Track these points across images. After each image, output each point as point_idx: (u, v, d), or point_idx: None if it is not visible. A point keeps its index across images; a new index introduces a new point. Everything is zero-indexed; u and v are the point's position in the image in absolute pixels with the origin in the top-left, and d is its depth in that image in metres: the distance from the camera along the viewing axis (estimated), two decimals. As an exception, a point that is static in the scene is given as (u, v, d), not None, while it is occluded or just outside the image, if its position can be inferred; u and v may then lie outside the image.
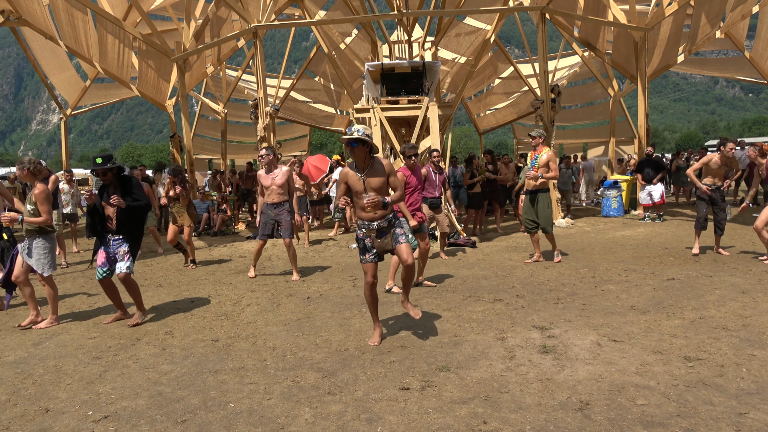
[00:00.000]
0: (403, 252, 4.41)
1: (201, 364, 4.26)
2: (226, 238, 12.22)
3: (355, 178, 4.41)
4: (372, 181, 4.38)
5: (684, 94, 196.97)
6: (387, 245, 4.48)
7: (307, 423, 3.20)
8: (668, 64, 14.65)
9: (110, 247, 5.47)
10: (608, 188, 13.51)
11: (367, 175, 4.38)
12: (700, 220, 7.88)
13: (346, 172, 4.45)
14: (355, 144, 4.33)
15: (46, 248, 5.46)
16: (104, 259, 5.47)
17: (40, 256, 5.41)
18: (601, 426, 3.02)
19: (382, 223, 4.42)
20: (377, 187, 4.38)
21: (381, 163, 4.46)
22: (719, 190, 7.79)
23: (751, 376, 3.60)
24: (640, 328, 4.67)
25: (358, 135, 4.27)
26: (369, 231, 4.44)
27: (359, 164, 4.41)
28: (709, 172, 7.81)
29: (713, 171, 7.76)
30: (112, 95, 19.17)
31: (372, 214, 4.38)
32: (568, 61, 19.57)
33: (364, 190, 4.37)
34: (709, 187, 7.77)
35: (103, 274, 5.46)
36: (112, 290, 5.59)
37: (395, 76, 10.81)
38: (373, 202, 4.29)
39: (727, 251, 7.94)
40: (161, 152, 76.89)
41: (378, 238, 4.44)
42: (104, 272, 5.47)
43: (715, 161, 7.68)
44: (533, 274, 7.10)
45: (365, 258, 4.49)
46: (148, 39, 13.68)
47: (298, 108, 20.22)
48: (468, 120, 25.85)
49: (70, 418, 3.39)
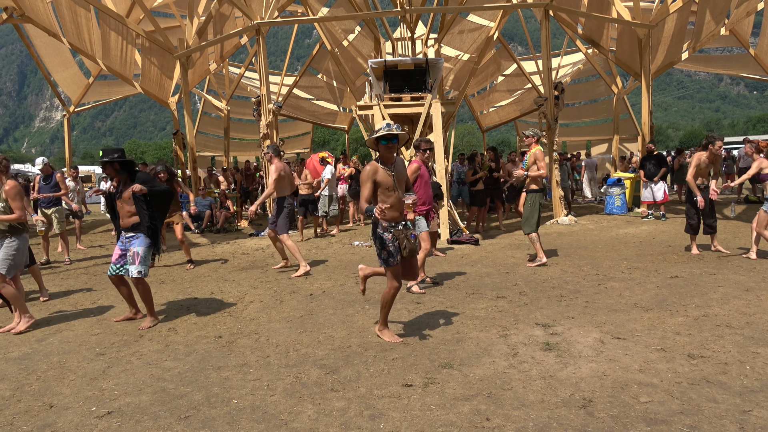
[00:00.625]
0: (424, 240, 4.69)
1: (204, 360, 4.26)
2: (228, 235, 12.23)
3: (385, 174, 4.30)
4: (400, 176, 4.38)
5: (688, 91, 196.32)
6: (415, 246, 4.42)
7: (310, 419, 3.21)
8: (672, 61, 14.60)
9: (124, 244, 5.35)
10: (611, 186, 13.48)
11: (395, 171, 4.36)
12: (693, 226, 7.81)
13: (375, 169, 4.28)
14: (395, 140, 4.32)
15: (16, 249, 5.26)
16: (118, 256, 5.36)
17: (7, 256, 5.19)
18: (604, 423, 3.02)
19: (404, 222, 4.40)
20: (400, 183, 4.39)
21: (400, 158, 4.51)
22: (708, 189, 7.67)
23: (755, 373, 3.59)
24: (643, 325, 4.66)
25: (398, 131, 4.26)
26: (399, 232, 4.32)
27: (389, 160, 4.36)
28: (698, 172, 7.66)
29: (702, 170, 7.66)
30: (115, 92, 19.20)
31: (396, 213, 4.33)
32: (572, 58, 19.53)
33: (394, 187, 4.31)
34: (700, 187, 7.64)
35: (115, 271, 5.35)
36: (122, 288, 5.46)
37: (398, 73, 10.81)
38: (415, 202, 4.30)
39: (728, 249, 7.92)
40: (164, 149, 76.99)
41: (407, 238, 4.34)
42: (116, 269, 5.35)
43: (704, 160, 7.58)
44: (536, 271, 7.09)
45: (396, 260, 4.33)
46: (151, 36, 13.68)
47: (301, 105, 20.22)
48: (471, 117, 25.80)
49: (74, 414, 3.41)
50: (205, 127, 20.80)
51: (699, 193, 7.60)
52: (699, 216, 7.77)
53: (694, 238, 7.94)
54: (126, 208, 5.30)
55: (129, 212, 5.30)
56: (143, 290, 5.33)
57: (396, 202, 4.31)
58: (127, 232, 5.33)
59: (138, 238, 5.28)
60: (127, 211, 5.30)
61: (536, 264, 7.39)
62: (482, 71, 18.19)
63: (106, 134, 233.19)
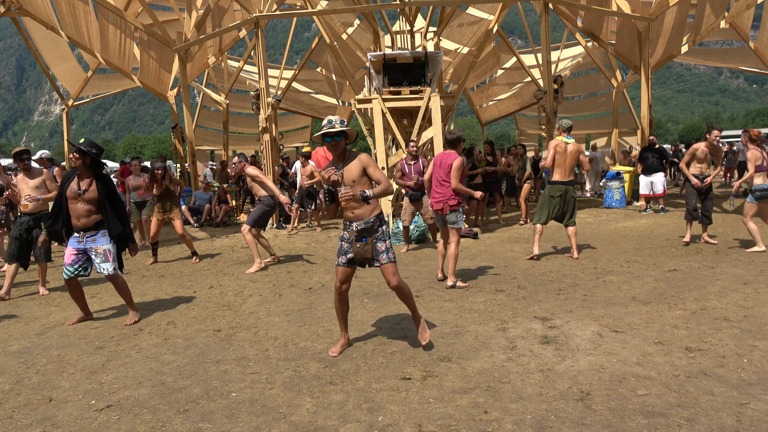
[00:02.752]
0: (385, 272, 4.00)
1: (203, 354, 4.27)
2: (228, 229, 12.23)
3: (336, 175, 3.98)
4: (348, 173, 3.95)
5: (687, 84, 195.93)
6: (366, 253, 3.98)
7: (309, 412, 3.22)
8: (672, 55, 14.54)
9: (82, 243, 5.05)
10: (610, 179, 13.47)
11: (343, 169, 3.98)
12: (690, 211, 7.92)
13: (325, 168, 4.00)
14: (338, 137, 3.94)
15: None
16: (74, 256, 5.05)
17: None
18: (602, 416, 3.03)
19: (360, 225, 3.96)
20: (354, 182, 3.95)
21: (356, 155, 4.03)
22: (704, 179, 7.81)
23: (752, 366, 3.61)
24: (641, 318, 4.67)
25: (341, 127, 3.91)
26: (350, 233, 4.01)
27: (337, 158, 4.03)
28: (696, 161, 7.81)
29: (700, 159, 7.78)
30: (114, 86, 19.13)
31: (350, 213, 3.98)
32: (571, 51, 19.44)
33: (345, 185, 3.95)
34: (698, 176, 7.78)
35: (72, 273, 5.04)
36: (77, 290, 5.17)
37: (397, 67, 10.77)
38: (348, 196, 3.85)
39: (715, 240, 8.03)
40: (163, 143, 76.91)
41: (357, 241, 3.98)
42: (74, 270, 5.05)
43: (702, 150, 7.70)
44: (535, 265, 7.10)
45: (338, 261, 4.08)
46: (149, 29, 13.63)
47: (300, 99, 20.16)
48: (470, 111, 25.77)
49: (74, 407, 3.42)
50: (204, 121, 20.72)
51: (691, 177, 7.76)
52: (696, 201, 7.84)
53: (690, 226, 8.00)
54: (85, 207, 5.01)
55: (89, 211, 5.02)
56: (121, 285, 5.21)
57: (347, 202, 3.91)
58: (87, 231, 5.04)
59: (102, 235, 5.07)
60: (86, 210, 5.02)
61: (530, 256, 7.46)
62: (482, 64, 18.12)
63: (105, 128, 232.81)
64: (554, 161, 7.37)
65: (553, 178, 7.43)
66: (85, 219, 5.02)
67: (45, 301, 6.27)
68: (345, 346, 4.21)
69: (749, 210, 7.26)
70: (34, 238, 6.46)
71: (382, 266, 4.01)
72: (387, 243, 4.03)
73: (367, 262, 4.04)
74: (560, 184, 7.39)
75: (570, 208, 7.44)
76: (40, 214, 6.55)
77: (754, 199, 7.22)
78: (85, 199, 5.00)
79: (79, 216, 5.01)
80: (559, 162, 7.36)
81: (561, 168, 7.36)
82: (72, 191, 5.00)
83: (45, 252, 6.57)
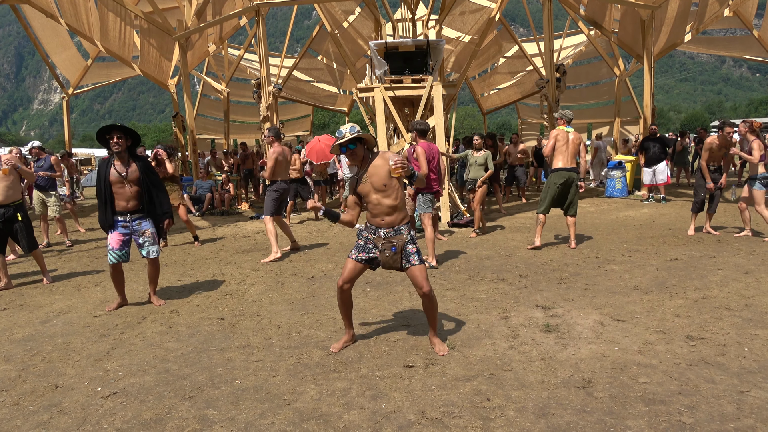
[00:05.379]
0: (416, 276, 3.75)
1: (207, 341, 4.30)
2: (229, 218, 12.25)
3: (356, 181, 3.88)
4: (378, 179, 3.77)
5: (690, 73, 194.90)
6: (395, 262, 3.81)
7: (313, 399, 3.25)
8: (675, 43, 14.47)
9: (128, 228, 5.13)
10: (612, 169, 13.45)
11: (368, 174, 3.81)
12: (698, 204, 8.01)
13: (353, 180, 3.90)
14: (352, 146, 3.75)
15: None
16: (120, 242, 5.11)
17: None
18: (603, 403, 3.06)
19: (389, 232, 3.80)
20: (385, 185, 3.77)
21: (378, 155, 3.86)
22: (719, 170, 7.96)
23: (752, 355, 3.63)
24: (642, 307, 4.69)
25: (352, 134, 3.72)
26: (377, 240, 3.84)
27: (359, 165, 3.86)
28: (711, 155, 7.91)
29: (713, 153, 7.88)
30: (114, 74, 19.07)
31: (380, 220, 3.81)
32: (574, 39, 19.33)
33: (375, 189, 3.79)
34: (711, 168, 7.92)
35: (118, 258, 5.12)
36: (121, 275, 5.29)
37: (399, 55, 10.71)
38: (401, 165, 3.68)
39: (718, 231, 8.06)
40: (164, 132, 76.71)
41: (386, 250, 3.80)
42: (121, 255, 5.14)
43: (716, 144, 7.79)
44: (536, 254, 7.12)
45: (355, 255, 3.88)
46: (149, 17, 13.55)
47: (301, 87, 20.08)
48: (472, 100, 25.65)
49: (80, 394, 3.45)
50: (204, 110, 20.68)
51: (709, 179, 7.86)
52: (705, 195, 7.96)
53: (694, 217, 8.05)
54: (133, 189, 5.09)
55: (136, 192, 5.10)
56: (158, 268, 5.41)
57: (375, 206, 3.81)
58: (132, 214, 5.14)
59: (146, 219, 5.20)
60: (134, 191, 5.10)
61: (531, 247, 7.47)
62: (483, 53, 18.03)
63: (105, 117, 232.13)
64: (556, 149, 7.37)
65: (556, 165, 7.43)
66: (135, 201, 5.12)
67: (49, 289, 6.29)
68: (348, 342, 4.07)
69: (760, 198, 7.36)
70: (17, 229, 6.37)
71: (412, 268, 3.77)
72: (416, 246, 3.86)
73: (396, 269, 3.87)
74: (564, 171, 7.36)
75: (572, 195, 7.43)
76: (14, 204, 6.37)
77: (762, 186, 7.31)
78: (131, 180, 5.07)
79: (128, 199, 5.10)
80: (561, 150, 7.36)
81: (563, 155, 7.35)
82: (115, 176, 5.03)
83: (28, 242, 6.45)
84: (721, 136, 7.70)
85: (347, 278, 3.87)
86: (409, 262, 3.78)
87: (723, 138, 7.69)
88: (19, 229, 6.41)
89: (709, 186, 7.83)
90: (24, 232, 6.43)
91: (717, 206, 8.10)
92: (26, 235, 6.44)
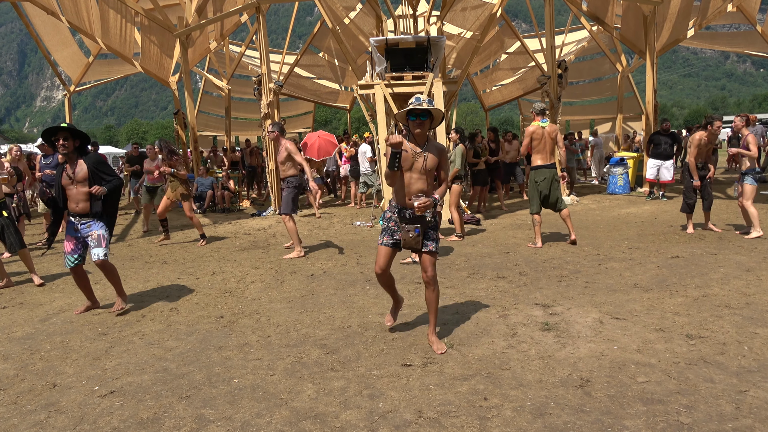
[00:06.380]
0: (426, 261, 3.86)
1: (205, 340, 4.30)
2: (230, 215, 12.25)
3: (410, 153, 3.80)
4: (430, 160, 3.80)
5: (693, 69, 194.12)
6: (417, 244, 3.86)
7: (310, 398, 3.24)
8: (678, 39, 14.38)
9: (79, 231, 5.00)
10: (614, 165, 13.41)
11: (427, 151, 3.81)
12: (689, 205, 7.88)
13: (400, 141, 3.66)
14: (424, 117, 3.76)
15: None
16: (73, 246, 5.01)
17: None
18: (601, 403, 3.04)
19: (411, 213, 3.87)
20: (430, 170, 3.83)
21: (436, 144, 3.90)
22: (706, 167, 7.84)
23: (752, 354, 3.61)
24: (642, 306, 4.67)
25: (429, 105, 3.73)
26: (400, 218, 3.90)
27: (419, 138, 3.83)
28: (699, 152, 7.79)
29: (701, 150, 7.78)
30: (116, 71, 19.05)
31: (408, 200, 3.83)
32: (576, 35, 19.25)
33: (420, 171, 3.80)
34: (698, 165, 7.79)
35: (74, 262, 5.02)
36: (83, 278, 5.16)
37: (399, 52, 10.67)
38: (424, 206, 3.72)
39: (718, 228, 8.00)
40: (166, 129, 76.85)
41: (409, 231, 3.83)
42: (75, 259, 5.02)
43: (705, 141, 7.70)
44: (537, 251, 7.10)
45: (382, 240, 3.96)
46: (150, 14, 13.52)
47: (302, 84, 20.04)
48: (474, 96, 25.58)
49: (77, 393, 3.45)
50: (206, 107, 20.66)
51: (696, 176, 7.75)
52: (696, 196, 7.87)
53: (690, 218, 7.99)
54: (78, 191, 4.93)
55: (84, 195, 4.94)
56: (111, 271, 5.11)
57: (408, 185, 3.82)
58: (82, 217, 4.98)
59: (96, 222, 5.00)
60: (82, 193, 4.94)
61: (532, 246, 7.41)
62: (485, 49, 17.96)
63: (108, 113, 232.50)
64: (533, 148, 7.40)
65: (535, 163, 7.44)
66: (84, 203, 4.96)
67: (48, 287, 6.30)
68: (398, 308, 4.40)
69: (750, 192, 7.32)
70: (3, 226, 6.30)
71: (426, 253, 3.88)
72: (438, 233, 3.99)
73: (415, 251, 3.95)
74: (544, 168, 7.38)
75: (555, 190, 7.42)
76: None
77: (755, 181, 7.26)
78: (78, 180, 4.91)
79: (77, 201, 4.95)
80: (539, 148, 7.38)
81: (542, 153, 7.39)
82: (65, 178, 4.95)
83: (16, 240, 6.36)
84: (709, 132, 7.63)
85: (381, 264, 3.99)
86: (426, 247, 3.90)
87: (711, 134, 7.63)
88: (5, 227, 6.31)
89: (695, 184, 7.74)
90: (11, 229, 6.34)
91: (711, 202, 7.94)
92: (13, 232, 6.34)
